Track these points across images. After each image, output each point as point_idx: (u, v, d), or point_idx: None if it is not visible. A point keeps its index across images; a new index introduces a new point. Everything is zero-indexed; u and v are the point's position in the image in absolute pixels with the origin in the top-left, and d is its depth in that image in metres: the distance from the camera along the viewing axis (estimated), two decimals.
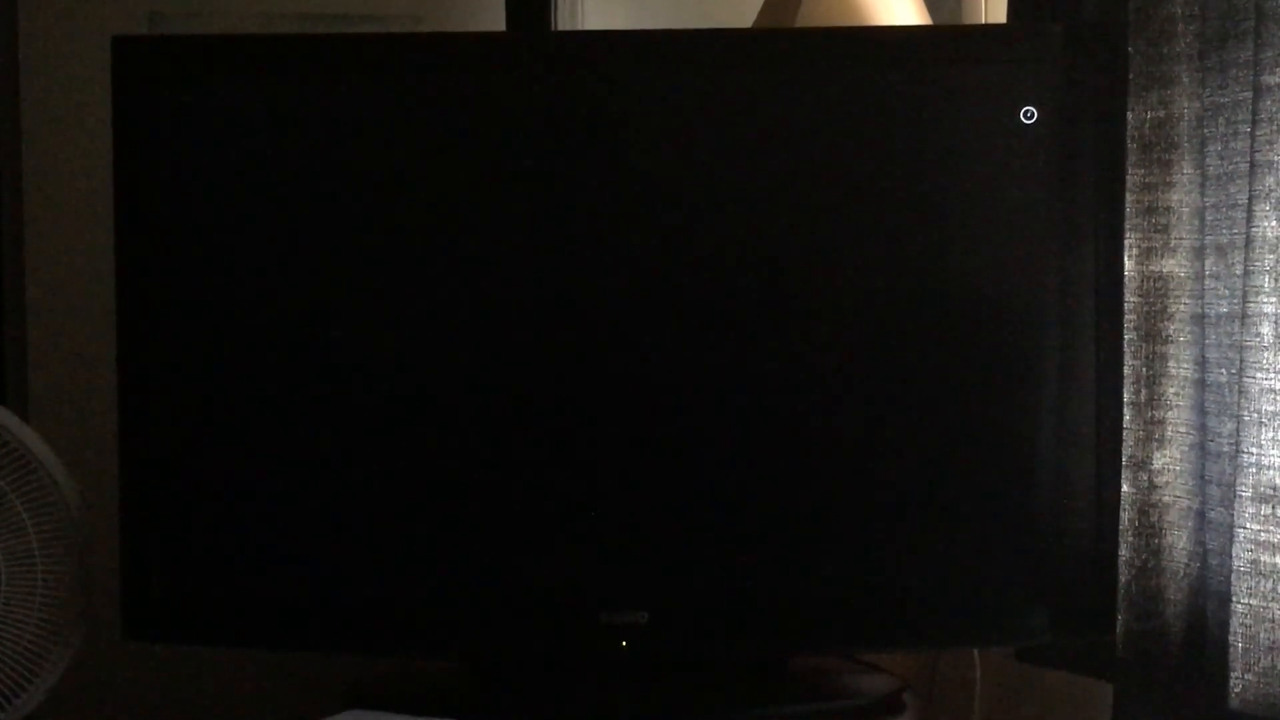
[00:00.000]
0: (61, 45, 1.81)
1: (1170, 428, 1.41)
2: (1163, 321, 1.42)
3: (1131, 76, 1.42)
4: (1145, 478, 1.43)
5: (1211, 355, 1.37)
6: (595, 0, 1.87)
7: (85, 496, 1.53)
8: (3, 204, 1.84)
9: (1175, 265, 1.41)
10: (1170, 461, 1.41)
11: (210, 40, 1.58)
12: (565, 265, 1.48)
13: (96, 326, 1.59)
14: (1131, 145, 1.42)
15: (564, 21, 1.86)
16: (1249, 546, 1.29)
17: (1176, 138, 1.40)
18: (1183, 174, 1.40)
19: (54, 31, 1.82)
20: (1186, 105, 1.39)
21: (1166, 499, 1.42)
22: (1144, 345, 1.43)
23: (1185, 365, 1.40)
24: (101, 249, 1.52)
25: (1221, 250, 1.36)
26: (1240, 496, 1.29)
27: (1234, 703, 1.30)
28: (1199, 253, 1.39)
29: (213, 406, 1.49)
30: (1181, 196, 1.40)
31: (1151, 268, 1.42)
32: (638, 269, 1.48)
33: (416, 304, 1.48)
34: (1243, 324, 1.30)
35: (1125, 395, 1.43)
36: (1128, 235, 1.43)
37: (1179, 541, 1.41)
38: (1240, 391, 1.29)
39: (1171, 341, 1.41)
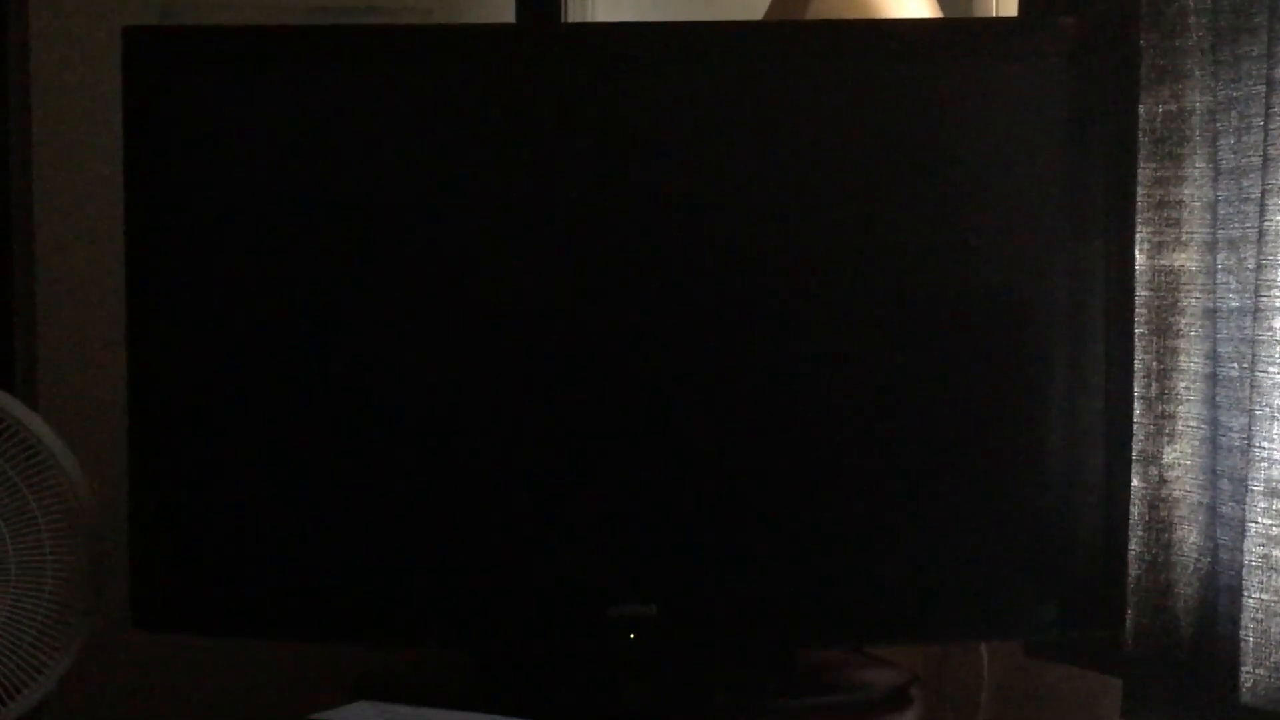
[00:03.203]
0: (72, 36, 1.81)
1: (1181, 422, 1.41)
2: (1174, 316, 1.42)
3: (1143, 70, 1.42)
4: (1155, 472, 1.42)
5: (1223, 350, 1.37)
6: None
7: (94, 486, 1.53)
8: (13, 195, 1.84)
9: (1187, 259, 1.41)
10: (1181, 456, 1.41)
11: (221, 31, 1.58)
12: (575, 258, 1.48)
13: (106, 317, 1.59)
14: (1143, 139, 1.42)
15: (574, 13, 1.86)
16: (1260, 541, 1.28)
17: (1188, 131, 1.40)
18: (1195, 168, 1.40)
19: (65, 22, 1.82)
20: (1199, 99, 1.39)
21: (1177, 494, 1.42)
22: (1155, 340, 1.43)
23: (1196, 360, 1.40)
24: (111, 240, 1.52)
25: (1233, 244, 1.36)
26: (1252, 491, 1.29)
27: (1245, 697, 1.30)
28: (1211, 247, 1.39)
29: (222, 397, 1.49)
30: (1193, 190, 1.40)
31: (1163, 262, 1.42)
32: (648, 262, 1.48)
33: (427, 297, 1.48)
34: (1255, 318, 1.30)
35: (1136, 390, 1.43)
36: (1139, 229, 1.43)
37: (1189, 536, 1.40)
38: (1252, 386, 1.29)
39: (1183, 336, 1.41)
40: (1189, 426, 1.41)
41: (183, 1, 1.84)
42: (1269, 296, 1.28)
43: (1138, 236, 1.43)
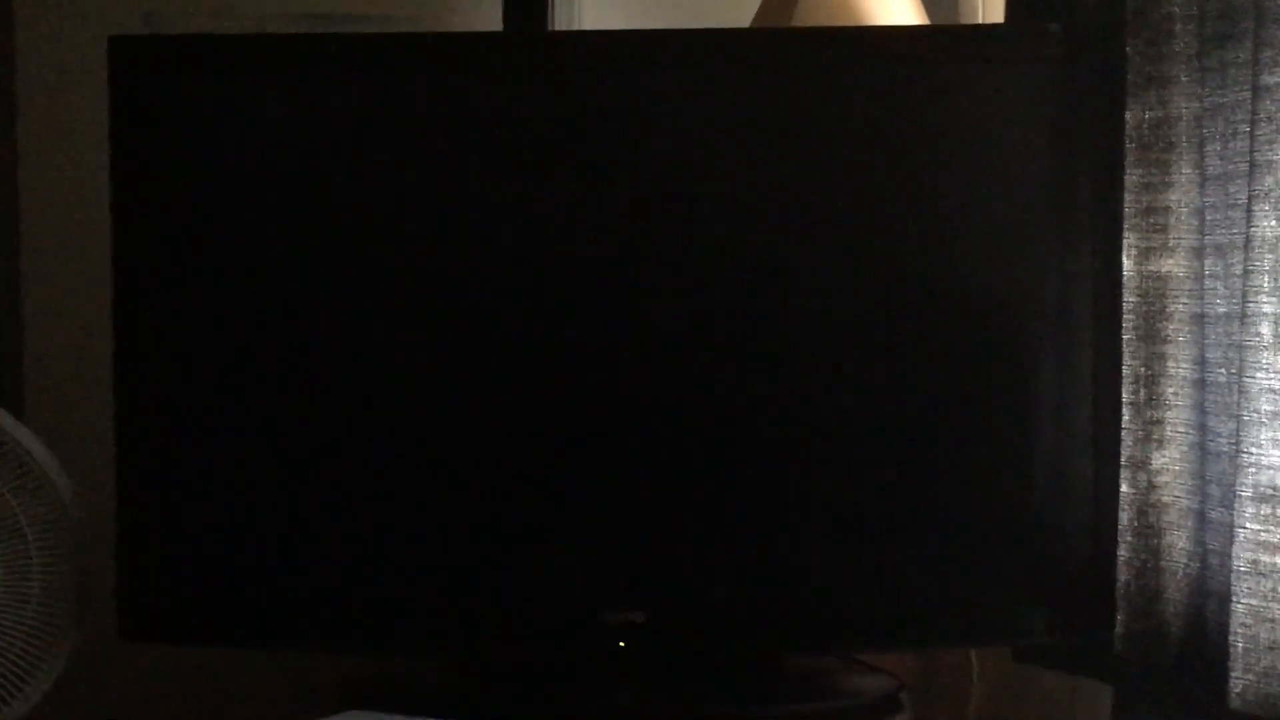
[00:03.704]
0: (58, 44, 1.81)
1: (1169, 428, 1.41)
2: (1162, 321, 1.42)
3: (1129, 76, 1.42)
4: (1144, 478, 1.43)
5: (1211, 355, 1.37)
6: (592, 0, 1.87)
7: (81, 495, 1.53)
8: None
9: (1174, 265, 1.41)
10: (1169, 461, 1.41)
11: (207, 40, 1.58)
12: (563, 265, 1.48)
13: (93, 326, 1.58)
14: (1130, 145, 1.42)
15: (561, 21, 1.86)
16: (1249, 546, 1.28)
17: (1175, 138, 1.40)
18: (1181, 174, 1.40)
19: (50, 31, 1.81)
20: (1185, 105, 1.39)
21: (1166, 499, 1.42)
22: (1143, 345, 1.43)
23: (1184, 365, 1.40)
24: (97, 248, 1.51)
25: (1220, 250, 1.36)
26: (1240, 496, 1.29)
27: (1234, 703, 1.30)
28: (1198, 253, 1.39)
29: (209, 405, 1.49)
30: (1180, 196, 1.40)
31: (1150, 268, 1.42)
32: (636, 269, 1.48)
33: (413, 304, 1.48)
34: (1242, 324, 1.30)
35: (1124, 395, 1.43)
36: (1126, 235, 1.43)
37: (1178, 542, 1.41)
38: (1240, 391, 1.29)
39: (1170, 341, 1.41)
40: (1177, 432, 1.41)
41: (168, 11, 1.83)
42: (1256, 302, 1.28)
43: (1125, 242, 1.43)
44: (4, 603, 1.50)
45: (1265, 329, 1.28)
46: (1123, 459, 1.43)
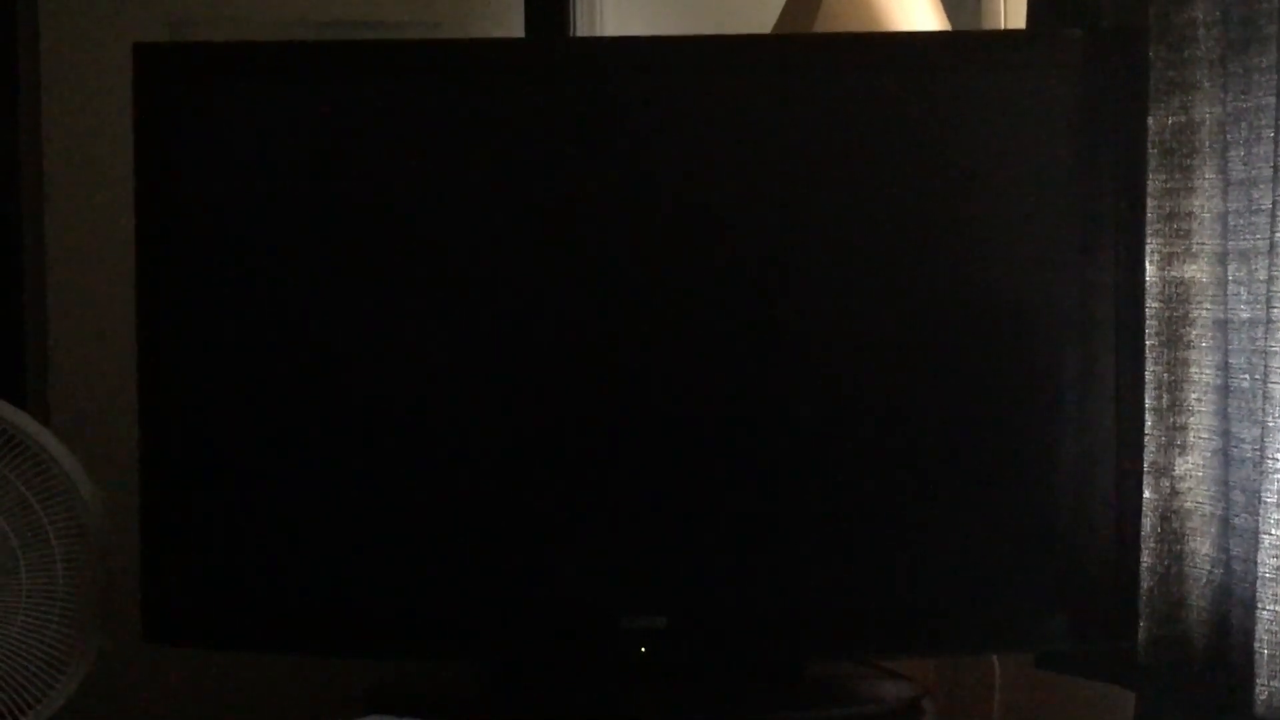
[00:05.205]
0: (83, 52, 1.82)
1: (1192, 434, 1.41)
2: (1184, 327, 1.42)
3: (1152, 82, 1.42)
4: (1167, 484, 1.42)
5: (1234, 361, 1.37)
6: (614, 6, 1.87)
7: (105, 500, 1.53)
8: (25, 209, 1.84)
9: (1197, 271, 1.41)
10: (1193, 467, 1.41)
11: (230, 47, 1.58)
12: (586, 271, 1.48)
13: (117, 331, 1.59)
14: (1152, 151, 1.42)
15: (583, 28, 1.86)
16: (1274, 553, 1.28)
17: (1198, 143, 1.40)
18: (1204, 179, 1.40)
19: (75, 39, 1.82)
20: (1208, 110, 1.39)
21: (1189, 505, 1.41)
22: (1166, 351, 1.43)
23: (1207, 371, 1.40)
24: (122, 254, 1.52)
25: (1244, 256, 1.36)
26: (1265, 502, 1.29)
27: (1259, 710, 1.29)
28: (1221, 258, 1.39)
29: (233, 411, 1.49)
30: (1203, 202, 1.40)
31: (1173, 273, 1.42)
32: (659, 276, 1.48)
33: (436, 310, 1.48)
34: (1266, 329, 1.30)
35: (1147, 401, 1.43)
36: (1149, 241, 1.43)
37: (1202, 548, 1.40)
38: (1265, 397, 1.29)
39: (1193, 347, 1.41)
40: (1200, 438, 1.40)
41: (192, 18, 1.84)
42: None
43: (1148, 248, 1.43)
44: (30, 606, 1.50)
45: None
46: (1145, 465, 1.43)
